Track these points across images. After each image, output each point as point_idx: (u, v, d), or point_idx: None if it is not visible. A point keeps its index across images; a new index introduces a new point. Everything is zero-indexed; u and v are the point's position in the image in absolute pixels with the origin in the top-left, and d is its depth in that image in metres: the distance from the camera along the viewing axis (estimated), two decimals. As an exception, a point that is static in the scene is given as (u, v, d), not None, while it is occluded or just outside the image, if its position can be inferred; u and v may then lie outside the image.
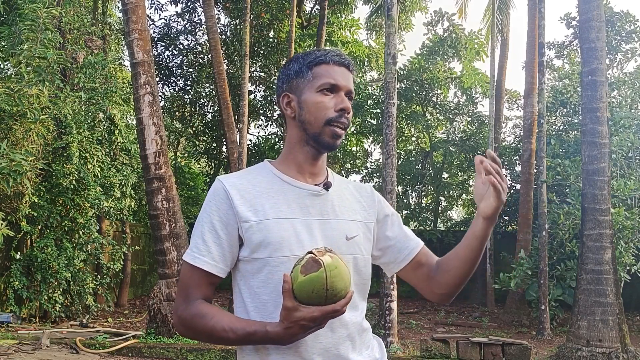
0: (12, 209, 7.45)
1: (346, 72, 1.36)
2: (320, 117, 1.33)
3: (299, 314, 1.13)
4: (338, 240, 1.32)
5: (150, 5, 14.54)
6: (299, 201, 1.33)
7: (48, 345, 6.42)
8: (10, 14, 8.14)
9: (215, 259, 1.29)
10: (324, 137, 1.33)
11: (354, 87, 1.40)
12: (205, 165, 18.03)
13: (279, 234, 1.27)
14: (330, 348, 1.27)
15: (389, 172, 7.08)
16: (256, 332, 1.20)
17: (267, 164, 1.40)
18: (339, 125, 1.33)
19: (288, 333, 1.16)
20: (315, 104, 1.33)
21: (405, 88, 14.87)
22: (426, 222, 15.94)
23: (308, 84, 1.35)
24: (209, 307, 1.28)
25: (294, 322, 1.14)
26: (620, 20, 11.79)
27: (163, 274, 6.93)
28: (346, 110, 1.34)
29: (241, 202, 1.29)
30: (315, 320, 1.13)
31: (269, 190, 1.33)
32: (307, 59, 1.36)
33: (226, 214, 1.29)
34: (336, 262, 1.11)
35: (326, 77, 1.33)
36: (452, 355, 6.13)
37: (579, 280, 6.24)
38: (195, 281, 1.30)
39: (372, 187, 1.52)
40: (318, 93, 1.33)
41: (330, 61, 1.35)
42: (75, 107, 8.37)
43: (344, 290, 1.13)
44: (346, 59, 1.38)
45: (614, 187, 8.32)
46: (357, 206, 1.42)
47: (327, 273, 1.09)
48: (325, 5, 12.63)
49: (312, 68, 1.35)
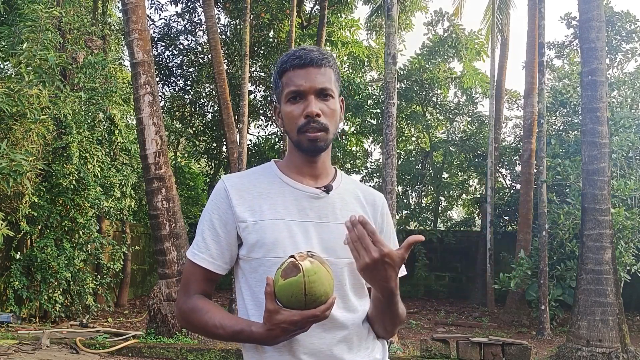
0: (12, 209, 7.45)
1: (312, 71, 1.31)
2: (293, 128, 1.32)
3: (280, 317, 1.14)
4: (334, 244, 1.31)
5: (150, 5, 14.53)
6: (297, 203, 1.33)
7: (48, 345, 6.42)
8: (10, 14, 8.14)
9: (214, 257, 1.33)
10: (302, 144, 1.32)
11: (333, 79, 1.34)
12: (205, 165, 18.03)
13: (274, 235, 1.28)
14: (323, 349, 1.27)
15: (389, 172, 7.08)
16: (243, 331, 1.23)
17: (272, 164, 1.41)
18: (311, 131, 1.30)
19: (270, 335, 1.18)
20: (287, 114, 1.33)
21: (405, 88, 14.86)
22: (426, 222, 15.94)
23: (281, 94, 1.35)
24: (204, 302, 1.32)
25: (275, 325, 1.15)
26: (620, 20, 11.78)
27: (163, 274, 6.93)
28: (311, 115, 1.29)
29: (239, 202, 1.32)
30: (296, 324, 1.14)
31: (268, 191, 1.34)
32: (277, 68, 1.36)
33: (225, 213, 1.33)
34: (316, 267, 1.11)
35: (289, 85, 1.32)
36: (452, 355, 6.13)
37: (579, 280, 6.23)
38: (195, 277, 1.35)
39: (382, 198, 1.48)
40: (288, 103, 1.33)
41: (290, 67, 1.32)
42: (75, 107, 8.37)
43: (324, 295, 1.12)
44: (309, 56, 1.31)
45: (614, 187, 8.31)
46: (360, 211, 1.40)
47: (306, 278, 1.09)
48: (325, 5, 12.63)
49: (281, 78, 1.34)
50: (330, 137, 1.34)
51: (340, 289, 1.31)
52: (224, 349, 6.28)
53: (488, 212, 12.31)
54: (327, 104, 1.32)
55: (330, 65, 1.34)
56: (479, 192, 16.55)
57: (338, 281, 1.30)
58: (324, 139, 1.32)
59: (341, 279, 1.32)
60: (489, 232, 12.14)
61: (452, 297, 13.68)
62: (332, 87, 1.34)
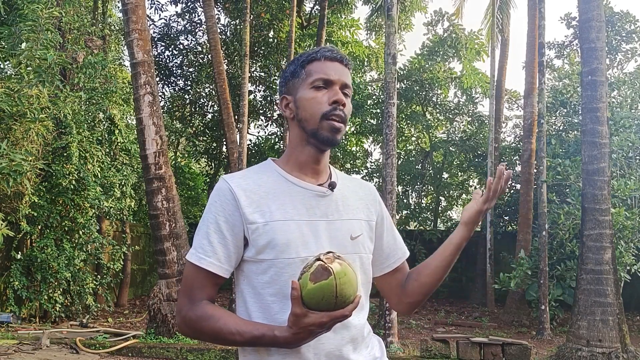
0: (12, 209, 7.45)
1: (340, 67, 1.35)
2: (316, 112, 1.32)
3: (308, 320, 1.13)
4: (343, 241, 1.32)
5: (150, 5, 14.53)
6: (305, 202, 1.32)
7: (48, 345, 6.42)
8: (10, 14, 8.14)
9: (221, 260, 1.29)
10: (323, 132, 1.32)
11: (351, 83, 1.39)
12: (205, 165, 18.03)
13: (285, 236, 1.27)
14: (332, 350, 1.28)
15: (389, 172, 7.08)
16: (264, 336, 1.20)
17: (272, 162, 1.39)
18: (335, 118, 1.31)
19: (297, 338, 1.16)
20: (309, 100, 1.33)
21: (405, 88, 14.86)
22: (426, 222, 15.94)
23: (302, 82, 1.35)
24: (215, 309, 1.27)
25: (303, 328, 1.14)
26: (620, 20, 11.78)
27: (163, 274, 6.93)
28: (339, 102, 1.32)
29: (247, 204, 1.29)
30: (324, 325, 1.14)
31: (275, 191, 1.32)
32: (301, 58, 1.37)
33: (232, 215, 1.28)
34: (345, 268, 1.12)
35: (318, 72, 1.33)
36: (452, 355, 6.13)
37: (579, 280, 6.23)
38: (200, 282, 1.29)
39: (373, 187, 1.53)
40: (311, 89, 1.33)
41: (321, 57, 1.34)
42: (75, 107, 8.37)
43: (352, 295, 1.13)
44: (339, 53, 1.37)
45: (614, 187, 8.32)
46: (360, 204, 1.42)
47: (337, 280, 1.09)
48: (325, 6, 12.62)
49: (305, 66, 1.35)
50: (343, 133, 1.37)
51: None
52: (224, 349, 6.28)
53: (488, 212, 12.27)
54: (347, 101, 1.36)
55: (350, 68, 1.40)
56: (478, 192, 16.51)
57: None
58: (343, 131, 1.35)
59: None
60: (489, 232, 12.14)
61: (452, 297, 13.68)
62: (351, 87, 1.39)
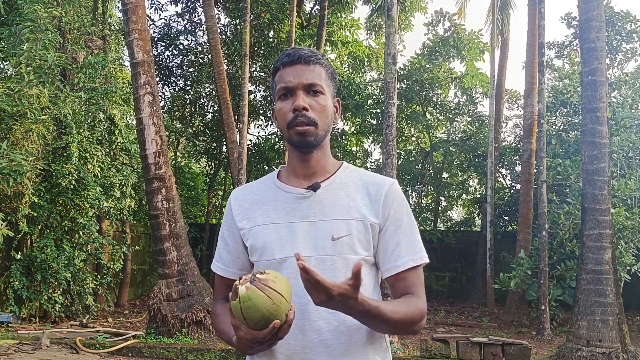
0: (12, 209, 7.45)
1: (299, 68, 1.33)
2: (283, 124, 1.35)
3: (240, 332, 1.18)
4: (323, 241, 1.31)
5: (150, 5, 14.52)
6: (286, 205, 1.37)
7: (48, 345, 6.42)
8: (10, 14, 8.14)
9: (227, 264, 1.45)
10: (292, 139, 1.35)
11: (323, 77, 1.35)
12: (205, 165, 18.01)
13: (263, 239, 1.35)
14: (297, 351, 1.27)
15: (389, 172, 7.08)
16: (230, 340, 1.30)
17: (276, 171, 1.48)
18: (298, 124, 1.32)
19: (240, 347, 1.23)
20: (279, 112, 1.37)
21: (405, 88, 14.86)
22: (426, 222, 15.94)
23: (275, 94, 1.39)
24: (221, 308, 1.43)
25: (240, 339, 1.19)
26: (620, 20, 11.78)
27: (163, 274, 6.93)
28: (298, 109, 1.31)
29: (238, 212, 1.43)
30: (252, 341, 1.16)
31: (264, 198, 1.41)
32: (273, 69, 1.40)
33: (230, 223, 1.44)
34: (252, 293, 1.11)
35: (280, 82, 1.36)
36: (452, 355, 6.13)
37: (579, 280, 6.23)
38: (218, 284, 1.50)
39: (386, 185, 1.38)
40: (279, 100, 1.37)
41: (280, 65, 1.36)
42: (75, 107, 8.36)
43: (263, 320, 1.12)
44: (297, 53, 1.34)
45: (614, 187, 8.31)
46: (360, 203, 1.35)
47: (241, 304, 1.13)
48: (325, 6, 12.63)
49: (274, 77, 1.39)
50: (320, 133, 1.34)
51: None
52: (224, 349, 6.28)
53: (488, 212, 12.31)
54: (317, 100, 1.34)
55: (320, 62, 1.36)
56: (479, 192, 16.55)
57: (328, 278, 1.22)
58: (313, 133, 1.32)
59: (332, 276, 1.26)
60: (489, 232, 12.14)
61: (452, 297, 13.68)
62: (322, 83, 1.35)
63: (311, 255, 1.30)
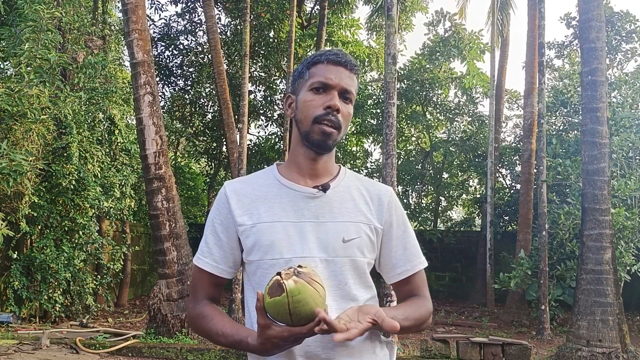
0: (12, 209, 7.44)
1: (343, 71, 1.34)
2: (309, 115, 1.33)
3: (271, 332, 1.14)
4: (334, 242, 1.31)
5: (150, 5, 14.53)
6: (294, 204, 1.33)
7: (48, 345, 6.42)
8: (10, 14, 8.14)
9: (217, 261, 1.36)
10: (313, 135, 1.32)
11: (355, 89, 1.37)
12: (205, 165, 18.02)
13: (270, 238, 1.30)
14: (318, 352, 1.26)
15: (389, 172, 7.08)
16: (241, 342, 1.25)
17: (274, 167, 1.43)
18: (327, 123, 1.31)
19: (263, 348, 1.18)
20: (306, 102, 1.34)
21: (405, 88, 14.86)
22: (426, 222, 15.94)
23: (304, 83, 1.36)
24: (210, 309, 1.35)
25: (267, 339, 1.15)
26: (620, 20, 11.78)
27: (163, 274, 6.93)
28: (333, 108, 1.31)
29: (238, 207, 1.35)
30: (286, 339, 1.14)
31: (266, 194, 1.36)
32: (308, 59, 1.38)
33: (226, 218, 1.36)
34: (301, 287, 1.09)
35: (319, 75, 1.33)
36: (452, 355, 6.13)
37: (579, 280, 6.23)
38: (200, 281, 1.39)
39: (389, 191, 1.44)
40: (310, 92, 1.34)
41: (325, 60, 1.34)
42: (75, 107, 8.36)
43: (310, 314, 1.10)
44: (345, 57, 1.35)
45: (614, 187, 8.31)
46: (363, 207, 1.38)
47: (290, 299, 1.08)
48: (325, 6, 12.62)
49: (310, 68, 1.36)
50: (338, 138, 1.35)
51: (341, 288, 1.30)
52: (224, 349, 6.28)
53: (488, 212, 12.31)
54: (347, 107, 1.35)
55: (357, 75, 1.39)
56: (479, 192, 16.55)
57: (338, 280, 1.30)
58: (335, 137, 1.33)
59: (341, 278, 1.30)
60: (489, 232, 12.14)
61: (452, 297, 13.68)
62: (354, 93, 1.37)
63: (321, 256, 1.29)
